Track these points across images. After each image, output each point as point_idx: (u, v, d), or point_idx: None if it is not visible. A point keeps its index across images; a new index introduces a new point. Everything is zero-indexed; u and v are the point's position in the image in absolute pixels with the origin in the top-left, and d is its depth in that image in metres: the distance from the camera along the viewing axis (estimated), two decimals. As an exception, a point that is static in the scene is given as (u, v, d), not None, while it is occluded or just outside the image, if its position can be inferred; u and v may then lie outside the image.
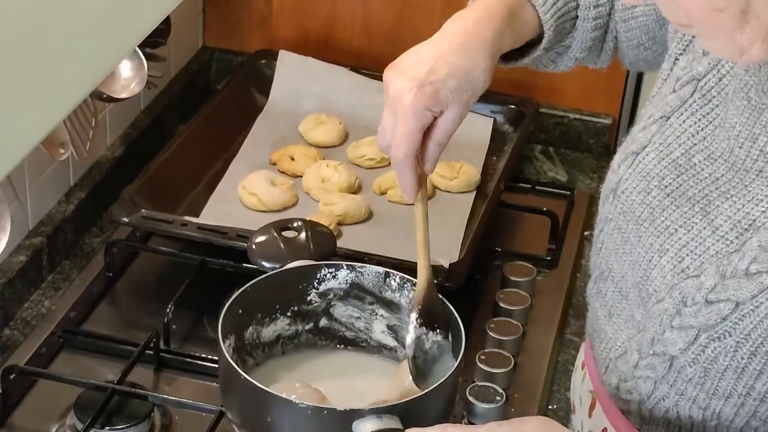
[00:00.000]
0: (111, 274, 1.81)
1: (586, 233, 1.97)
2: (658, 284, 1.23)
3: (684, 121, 1.25)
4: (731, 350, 1.17)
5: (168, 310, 1.65)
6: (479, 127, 2.12)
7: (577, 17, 1.41)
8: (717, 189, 1.20)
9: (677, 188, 1.23)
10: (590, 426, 1.39)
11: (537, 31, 1.39)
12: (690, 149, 1.24)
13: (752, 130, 1.17)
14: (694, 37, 1.27)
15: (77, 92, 1.29)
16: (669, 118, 1.26)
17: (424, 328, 1.34)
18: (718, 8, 1.05)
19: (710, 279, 1.17)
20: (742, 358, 1.16)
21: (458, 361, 1.32)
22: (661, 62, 1.33)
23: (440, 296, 1.40)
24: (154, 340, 1.64)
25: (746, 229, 1.17)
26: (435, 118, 1.28)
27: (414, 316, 1.34)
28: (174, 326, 1.67)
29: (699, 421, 1.23)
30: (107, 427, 1.50)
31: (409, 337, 1.34)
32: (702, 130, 1.24)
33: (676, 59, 1.29)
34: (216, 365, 1.44)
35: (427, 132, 1.29)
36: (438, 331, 1.35)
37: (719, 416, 1.21)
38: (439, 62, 1.29)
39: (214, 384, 1.49)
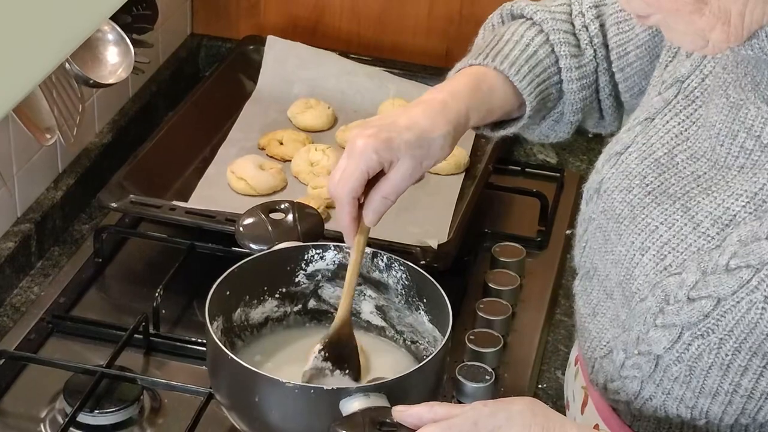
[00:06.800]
0: (100, 260, 1.81)
1: (567, 232, 1.96)
2: (641, 282, 1.22)
3: (668, 122, 1.26)
4: (715, 347, 1.16)
5: (157, 294, 1.65)
6: (468, 110, 2.11)
7: (561, 81, 1.43)
8: (698, 186, 1.21)
9: (658, 186, 1.23)
10: (582, 422, 1.39)
11: (517, 102, 1.42)
12: (673, 149, 1.24)
13: (731, 127, 1.18)
14: None
15: (50, 58, 1.27)
16: (653, 119, 1.27)
17: (329, 363, 1.37)
18: None
19: (692, 276, 1.17)
20: (726, 355, 1.16)
21: (445, 339, 1.33)
22: None
23: (425, 273, 1.41)
24: (143, 324, 1.64)
25: (727, 225, 1.17)
26: (384, 171, 1.32)
27: (318, 347, 1.37)
28: (163, 311, 1.67)
29: (688, 420, 1.23)
30: (96, 410, 1.50)
31: (307, 366, 1.37)
32: (685, 130, 1.24)
33: (666, 66, 1.30)
34: (205, 349, 1.44)
35: (376, 184, 1.32)
36: (346, 371, 1.37)
37: (707, 415, 1.21)
38: (402, 117, 1.33)
39: (203, 367, 1.49)
